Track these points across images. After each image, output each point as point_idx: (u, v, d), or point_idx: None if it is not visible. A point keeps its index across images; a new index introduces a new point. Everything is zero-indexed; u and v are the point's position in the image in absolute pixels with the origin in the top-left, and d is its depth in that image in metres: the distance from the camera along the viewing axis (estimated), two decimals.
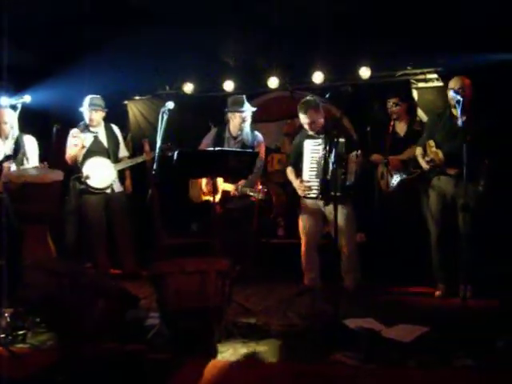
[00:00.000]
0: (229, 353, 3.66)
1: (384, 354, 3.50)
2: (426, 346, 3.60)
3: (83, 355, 3.70)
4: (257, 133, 5.51)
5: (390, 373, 3.30)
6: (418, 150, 4.94)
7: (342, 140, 4.85)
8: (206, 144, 5.54)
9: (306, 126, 5.07)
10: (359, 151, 4.94)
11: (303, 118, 5.05)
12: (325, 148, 4.82)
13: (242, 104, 5.38)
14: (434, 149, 4.69)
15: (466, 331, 3.71)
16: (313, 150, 5.04)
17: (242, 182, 5.28)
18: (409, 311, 4.48)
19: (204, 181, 5.54)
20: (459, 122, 4.43)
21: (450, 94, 4.41)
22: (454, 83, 4.63)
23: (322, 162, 4.89)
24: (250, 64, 6.80)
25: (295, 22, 6.02)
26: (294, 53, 6.31)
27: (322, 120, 5.05)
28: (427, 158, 4.77)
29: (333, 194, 4.70)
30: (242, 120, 5.38)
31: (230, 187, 5.35)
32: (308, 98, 5.19)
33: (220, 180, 5.39)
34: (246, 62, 6.66)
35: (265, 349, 3.73)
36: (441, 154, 4.64)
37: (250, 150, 5.12)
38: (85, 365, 3.57)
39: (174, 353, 3.66)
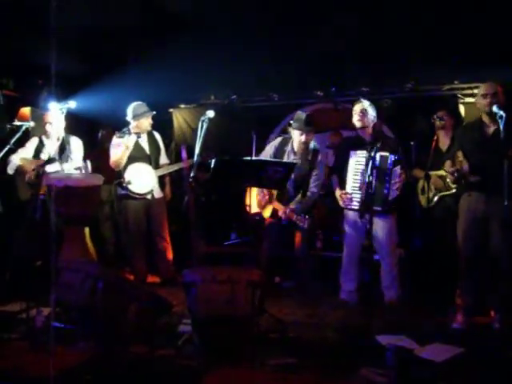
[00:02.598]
0: (257, 363, 3.64)
1: (414, 374, 3.42)
2: (459, 368, 3.49)
3: (113, 357, 3.76)
4: (319, 156, 5.37)
5: None
6: (447, 164, 4.67)
7: (386, 154, 4.79)
8: (268, 152, 5.47)
9: (356, 116, 5.03)
10: (403, 166, 4.86)
11: (357, 106, 5.03)
12: (369, 160, 4.67)
13: (301, 122, 5.21)
14: (460, 158, 4.44)
15: (500, 357, 3.58)
16: (357, 162, 4.97)
17: (292, 205, 5.19)
18: (444, 330, 4.36)
19: (255, 193, 5.46)
20: (490, 132, 4.30)
21: (494, 108, 4.17)
22: (485, 88, 4.37)
23: (366, 174, 4.75)
24: (296, 75, 6.79)
25: (341, 34, 5.97)
26: (339, 64, 6.26)
27: (372, 121, 5.02)
28: (452, 169, 4.45)
29: (375, 208, 4.72)
30: (299, 139, 5.25)
31: (279, 207, 5.23)
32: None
33: (274, 193, 5.31)
34: (290, 73, 6.63)
35: (294, 361, 3.69)
36: (465, 163, 4.37)
37: (287, 161, 5.08)
38: (114, 367, 3.62)
39: (203, 360, 3.67)
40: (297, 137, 5.28)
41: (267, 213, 5.34)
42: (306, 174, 5.27)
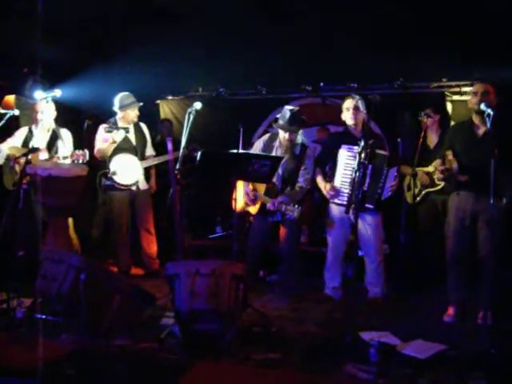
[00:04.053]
0: (240, 357, 3.62)
1: (397, 370, 3.42)
2: (442, 364, 3.50)
3: (95, 350, 3.73)
4: (309, 150, 5.31)
5: None
6: (438, 162, 4.70)
7: (384, 153, 4.78)
8: (257, 147, 5.43)
9: (349, 113, 5.01)
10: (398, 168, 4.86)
11: (349, 103, 5.01)
12: (363, 156, 4.52)
13: (288, 121, 5.15)
14: (450, 157, 4.48)
15: (485, 353, 3.59)
16: (349, 157, 4.92)
17: (279, 198, 5.12)
18: (429, 327, 4.35)
19: (242, 189, 5.40)
20: (480, 133, 4.31)
21: (482, 106, 4.18)
22: (476, 87, 4.42)
23: (359, 170, 4.63)
24: (284, 69, 6.76)
25: (330, 29, 5.94)
26: (328, 59, 6.24)
27: (363, 117, 5.01)
28: (442, 168, 4.46)
29: (366, 205, 4.71)
30: (284, 136, 5.20)
31: (267, 200, 5.15)
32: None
33: (261, 191, 5.26)
34: (278, 67, 6.60)
35: (277, 356, 3.68)
36: (455, 163, 4.42)
37: (273, 155, 5.05)
38: (96, 360, 3.59)
39: (186, 354, 3.65)
40: (281, 134, 5.25)
41: (254, 210, 5.30)
42: (294, 169, 5.23)
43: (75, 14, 5.79)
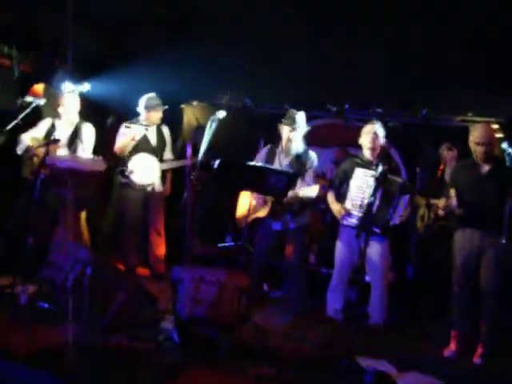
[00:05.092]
0: (236, 369, 3.63)
1: None
2: None
3: (93, 345, 3.76)
4: (312, 154, 5.33)
5: None
6: (442, 200, 4.60)
7: (398, 180, 4.78)
8: (258, 158, 5.45)
9: (367, 138, 5.00)
10: (412, 198, 4.85)
11: (369, 128, 5.00)
12: (375, 180, 4.54)
13: (292, 120, 5.23)
14: (452, 194, 4.48)
15: None
16: (363, 180, 4.93)
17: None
18: (426, 360, 4.32)
19: (246, 200, 5.39)
20: (483, 171, 4.32)
21: (503, 145, 4.16)
22: (479, 136, 4.31)
23: (369, 193, 4.63)
24: (309, 87, 6.79)
25: (358, 52, 5.97)
26: (354, 82, 6.25)
27: (381, 143, 5.01)
28: (443, 204, 4.45)
29: (373, 229, 4.70)
30: (287, 135, 5.25)
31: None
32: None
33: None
34: (304, 84, 6.63)
35: (273, 371, 3.68)
36: (453, 199, 4.43)
37: (291, 171, 5.05)
38: (93, 354, 3.62)
39: (181, 358, 3.66)
40: (286, 133, 5.26)
41: (263, 213, 5.29)
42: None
43: (109, 12, 5.86)
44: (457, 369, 4.22)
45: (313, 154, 5.34)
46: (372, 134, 5.00)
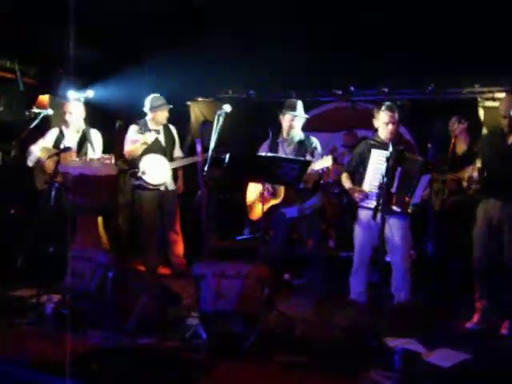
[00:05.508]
0: (264, 359, 3.63)
1: (421, 378, 3.40)
2: (465, 374, 3.46)
3: (121, 348, 3.79)
4: (314, 139, 5.38)
5: None
6: (469, 170, 4.56)
7: (418, 158, 4.73)
8: (263, 149, 5.51)
9: (387, 127, 4.87)
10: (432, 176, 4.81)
11: (389, 118, 4.84)
12: (394, 160, 4.50)
13: (293, 108, 5.30)
14: (478, 165, 4.42)
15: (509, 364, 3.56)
16: (379, 161, 4.89)
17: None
18: (454, 336, 4.31)
19: (255, 192, 5.42)
20: (510, 141, 4.27)
21: None
22: (504, 108, 4.30)
23: (386, 175, 4.50)
24: (314, 72, 6.76)
25: (360, 31, 5.92)
26: (358, 63, 6.21)
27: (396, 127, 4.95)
28: (467, 175, 4.46)
29: (394, 208, 4.67)
30: (289, 123, 5.30)
31: None
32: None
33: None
34: (309, 71, 6.60)
35: (301, 359, 3.68)
36: (475, 171, 4.38)
37: (303, 159, 5.03)
38: (121, 357, 3.64)
39: (209, 353, 3.68)
40: (287, 121, 5.30)
41: (277, 201, 5.28)
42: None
43: (108, 16, 5.86)
44: (485, 341, 4.19)
45: (315, 139, 5.37)
46: (392, 125, 4.85)
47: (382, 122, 4.92)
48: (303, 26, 5.97)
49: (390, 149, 4.38)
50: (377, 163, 4.89)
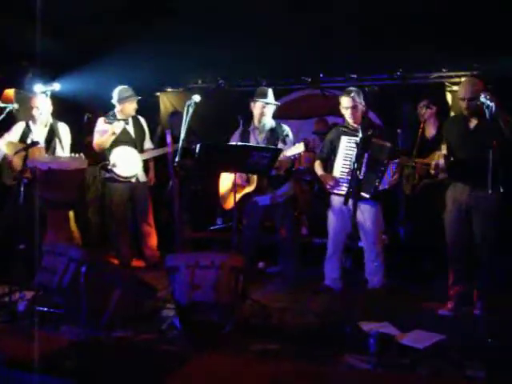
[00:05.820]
0: (240, 348, 3.64)
1: (396, 360, 3.44)
2: (440, 354, 3.52)
3: (96, 342, 3.76)
4: (285, 126, 5.38)
5: (398, 378, 3.24)
6: (436, 156, 4.68)
7: (384, 144, 4.77)
8: (234, 138, 5.50)
9: (348, 112, 4.96)
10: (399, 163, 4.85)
11: (346, 102, 4.93)
12: (362, 147, 4.46)
13: (264, 95, 5.30)
14: (444, 151, 4.50)
15: (483, 343, 3.62)
16: (348, 147, 4.92)
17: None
18: (427, 318, 4.37)
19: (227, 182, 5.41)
20: (472, 125, 4.33)
21: (482, 98, 4.13)
22: (462, 92, 4.31)
23: (356, 161, 4.50)
24: (284, 60, 6.75)
25: (329, 20, 5.92)
26: (327, 50, 6.22)
27: (361, 110, 4.98)
28: (434, 163, 4.53)
29: (362, 194, 4.70)
30: (261, 111, 5.29)
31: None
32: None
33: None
34: (278, 59, 6.59)
35: (276, 347, 3.70)
36: (441, 158, 4.45)
37: (273, 147, 5.03)
38: (96, 352, 3.62)
39: (185, 345, 3.68)
40: (259, 109, 5.29)
41: (251, 188, 5.29)
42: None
43: (74, 8, 5.77)
44: (458, 322, 4.27)
45: (286, 127, 5.39)
46: (351, 109, 4.94)
47: (342, 107, 5.00)
48: (274, 13, 5.95)
49: (360, 135, 4.40)
50: (346, 149, 4.94)
